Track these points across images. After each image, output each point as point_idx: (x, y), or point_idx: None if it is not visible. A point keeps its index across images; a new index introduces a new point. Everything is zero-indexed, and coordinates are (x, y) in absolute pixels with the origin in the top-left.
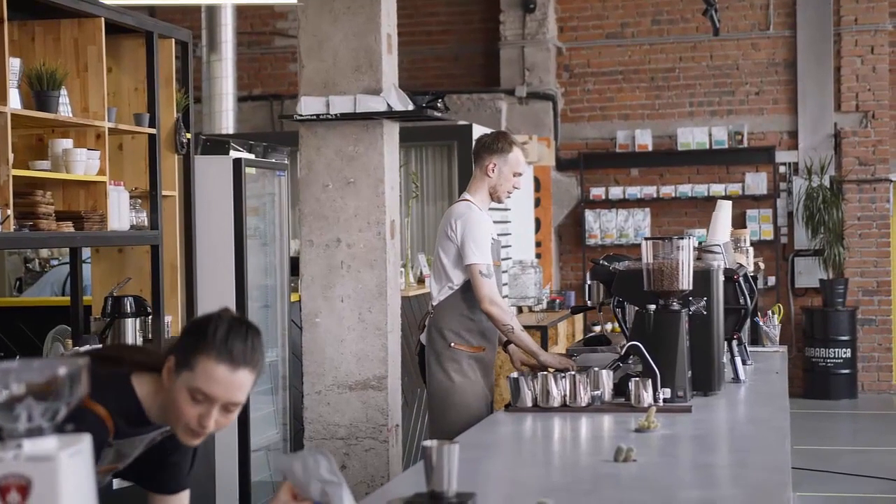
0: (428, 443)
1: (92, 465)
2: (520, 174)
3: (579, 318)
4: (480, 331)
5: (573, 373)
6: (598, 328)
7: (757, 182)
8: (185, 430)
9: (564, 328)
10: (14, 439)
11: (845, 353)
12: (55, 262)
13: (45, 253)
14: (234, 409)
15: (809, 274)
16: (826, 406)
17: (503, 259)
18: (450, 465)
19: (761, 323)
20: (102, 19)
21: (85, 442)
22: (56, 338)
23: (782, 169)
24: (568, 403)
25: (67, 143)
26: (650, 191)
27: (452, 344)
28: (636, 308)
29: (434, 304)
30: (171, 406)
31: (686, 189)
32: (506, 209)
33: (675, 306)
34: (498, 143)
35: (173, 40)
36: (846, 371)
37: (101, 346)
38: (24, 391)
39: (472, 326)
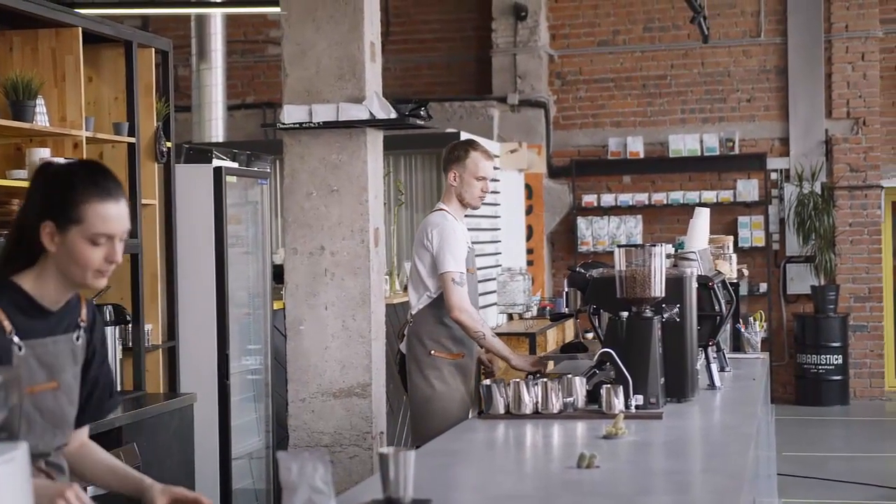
0: (384, 450)
1: (28, 467)
2: (483, 178)
3: (570, 325)
4: (459, 338)
5: (545, 380)
6: (590, 335)
7: (748, 189)
8: (94, 276)
9: (554, 335)
10: None
11: (837, 359)
12: None
13: None
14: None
15: (801, 280)
16: (818, 412)
17: (480, 268)
18: (405, 472)
19: (743, 330)
20: (80, 29)
21: (21, 450)
22: None
23: (774, 176)
24: (540, 410)
25: (45, 152)
26: (642, 198)
27: (432, 352)
28: (610, 315)
29: (413, 312)
30: (70, 264)
31: (678, 196)
32: (495, 216)
33: (648, 313)
34: (454, 151)
35: (153, 49)
36: (838, 377)
37: None
38: None
39: (451, 333)
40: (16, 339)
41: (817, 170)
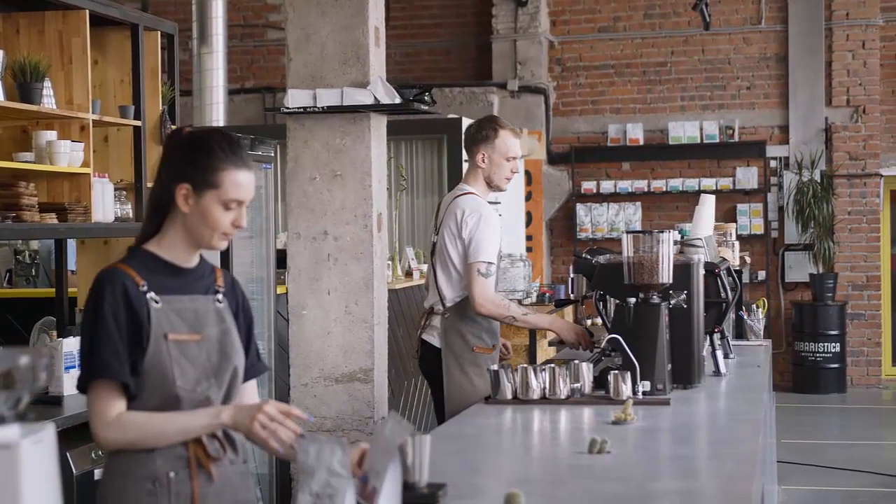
0: None
1: (55, 448)
2: (513, 158)
3: (569, 311)
4: (493, 330)
5: (552, 365)
6: (589, 322)
7: (748, 176)
8: (220, 238)
9: None
10: None
11: (834, 347)
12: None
13: (35, 244)
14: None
15: (799, 268)
16: (815, 400)
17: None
18: (421, 456)
19: (745, 317)
20: (87, 11)
21: (48, 430)
22: (42, 329)
23: (773, 163)
24: (547, 396)
25: (51, 134)
26: (641, 185)
27: (475, 348)
28: (617, 301)
29: (447, 304)
30: (200, 225)
31: (677, 183)
32: (495, 202)
33: (655, 300)
34: (482, 130)
35: (159, 33)
36: (835, 365)
37: None
38: None
39: (489, 326)
40: (151, 293)
41: (817, 158)
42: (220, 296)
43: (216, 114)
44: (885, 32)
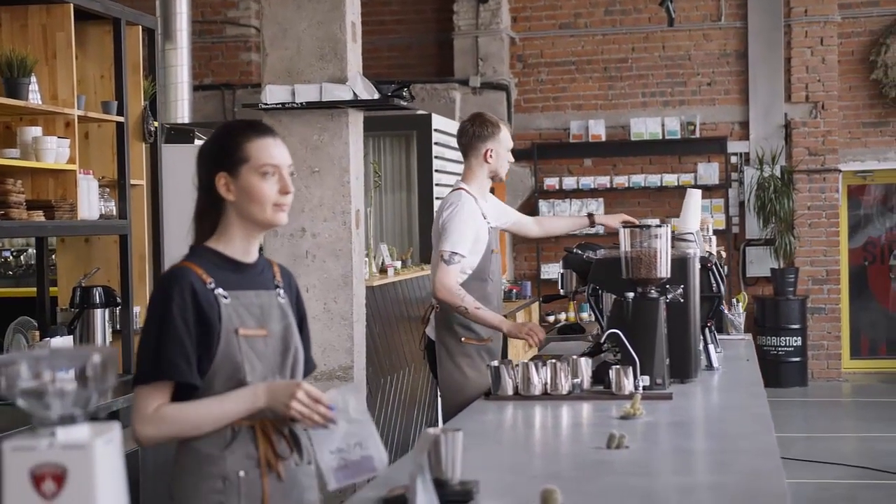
0: (432, 430)
1: (120, 449)
2: (510, 148)
3: (535, 307)
4: None
5: (554, 361)
6: (551, 318)
7: (709, 172)
8: (273, 210)
9: (521, 318)
10: (47, 427)
11: (796, 341)
12: (7, 254)
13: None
14: (292, 174)
15: (760, 263)
16: (777, 394)
17: None
18: (454, 453)
19: (726, 311)
20: (71, 5)
21: (115, 430)
22: (18, 329)
23: (734, 159)
24: (549, 392)
25: (37, 130)
26: (604, 181)
27: (463, 339)
28: (614, 296)
29: (438, 298)
30: (249, 204)
31: (639, 179)
32: None
33: (654, 294)
34: (487, 128)
35: (140, 27)
36: (797, 359)
37: None
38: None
39: None
40: (219, 290)
41: (777, 153)
42: (281, 291)
43: (181, 110)
44: (842, 29)
